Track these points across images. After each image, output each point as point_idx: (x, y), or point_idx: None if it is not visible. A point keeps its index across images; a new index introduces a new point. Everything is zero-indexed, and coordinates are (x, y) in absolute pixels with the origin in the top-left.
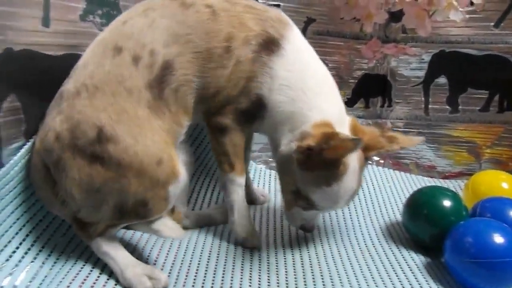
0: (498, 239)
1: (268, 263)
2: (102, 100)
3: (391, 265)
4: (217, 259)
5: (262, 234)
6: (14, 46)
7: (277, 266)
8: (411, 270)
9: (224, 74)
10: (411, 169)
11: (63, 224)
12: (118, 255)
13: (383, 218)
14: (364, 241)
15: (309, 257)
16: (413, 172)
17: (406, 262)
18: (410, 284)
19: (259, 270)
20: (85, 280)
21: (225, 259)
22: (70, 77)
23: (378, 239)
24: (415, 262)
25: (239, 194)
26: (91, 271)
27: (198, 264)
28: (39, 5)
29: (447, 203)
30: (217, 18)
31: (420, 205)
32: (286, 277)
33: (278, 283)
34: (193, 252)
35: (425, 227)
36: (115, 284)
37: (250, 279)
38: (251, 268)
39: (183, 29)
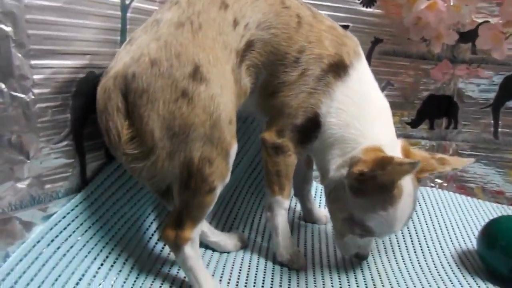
0: None
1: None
2: (203, 41)
3: None
4: (289, 281)
5: (322, 255)
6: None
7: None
8: None
9: (287, 81)
10: (476, 194)
11: (143, 238)
12: (201, 274)
13: (454, 246)
14: (437, 270)
15: (373, 283)
16: (478, 197)
17: None
18: None
19: None
20: None
21: (297, 282)
22: (168, 9)
23: (451, 269)
24: None
25: (283, 217)
26: (170, 286)
27: (271, 284)
28: None
29: None
30: (299, 29)
31: (497, 236)
32: None
33: None
34: (264, 273)
35: (503, 259)
36: None
37: None
38: None
39: (275, 23)
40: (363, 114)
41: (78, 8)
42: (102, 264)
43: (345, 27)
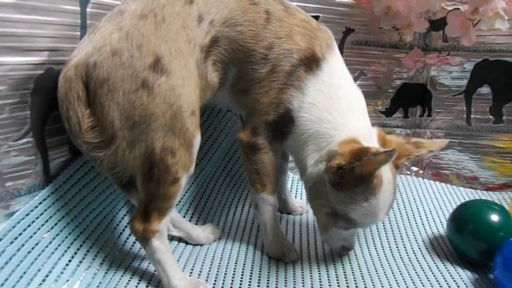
0: None
1: (310, 276)
2: (166, 33)
3: (437, 280)
4: (260, 272)
5: (302, 245)
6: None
7: (320, 279)
8: (457, 285)
9: (257, 78)
10: (452, 180)
11: (114, 233)
12: (168, 266)
13: (425, 231)
14: (407, 255)
15: (352, 269)
16: (454, 183)
17: (452, 278)
18: None
19: (302, 283)
20: None
21: (268, 272)
22: (132, 0)
23: (421, 253)
24: (461, 278)
25: (271, 213)
26: (139, 281)
27: (242, 277)
28: None
29: (495, 217)
30: (268, 26)
31: (466, 220)
32: None
33: None
34: (235, 264)
35: (472, 242)
36: None
37: None
38: (294, 282)
39: (241, 20)
40: (336, 107)
41: (34, 4)
42: (70, 261)
43: (316, 17)
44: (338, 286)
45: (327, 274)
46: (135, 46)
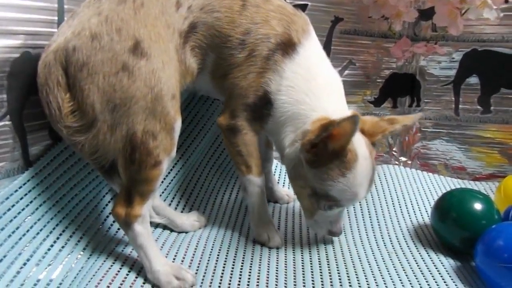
0: None
1: (293, 262)
2: (145, 18)
3: (420, 268)
4: (243, 258)
5: (287, 232)
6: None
7: (302, 265)
8: (440, 273)
9: (235, 62)
10: (440, 170)
11: (98, 218)
12: (151, 250)
13: (411, 220)
14: (392, 243)
15: (335, 257)
16: (441, 173)
17: (435, 266)
18: None
19: (285, 269)
20: (116, 275)
21: (251, 258)
22: None
23: (406, 241)
24: (444, 266)
25: (258, 195)
26: (121, 267)
27: (225, 262)
28: None
29: (478, 206)
30: (243, 12)
31: (449, 208)
32: (312, 276)
33: (304, 283)
34: (219, 251)
35: (455, 230)
36: (144, 281)
37: (277, 279)
38: (277, 268)
39: (218, 6)
40: (312, 89)
41: None
42: (52, 245)
43: (304, 6)
44: (321, 274)
45: (311, 262)
46: (114, 30)
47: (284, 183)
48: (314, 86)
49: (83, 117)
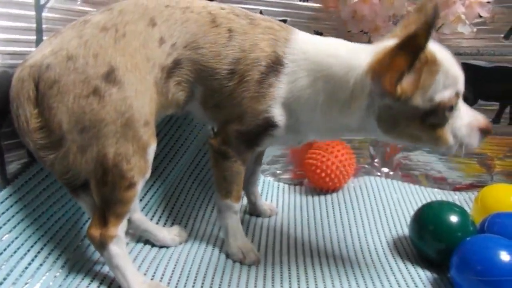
0: (505, 257)
1: (272, 277)
2: (125, 48)
3: (397, 281)
4: (223, 274)
5: (268, 246)
6: None
7: (281, 279)
8: (416, 286)
9: (226, 92)
10: (421, 181)
11: (77, 236)
12: (127, 271)
13: (390, 232)
14: (370, 255)
15: (314, 270)
16: (422, 184)
17: (412, 278)
18: None
19: (263, 284)
20: None
21: (230, 274)
22: (101, 12)
23: (384, 253)
24: (420, 278)
25: (233, 219)
26: (99, 285)
27: (204, 278)
28: None
29: (454, 218)
30: (230, 43)
31: (426, 220)
32: None
33: None
34: (199, 266)
35: (431, 242)
36: None
37: None
38: (255, 284)
39: (202, 42)
40: (326, 55)
41: None
42: (30, 263)
43: (283, 21)
44: (299, 287)
45: (289, 276)
46: (91, 54)
47: (267, 197)
48: (326, 52)
49: (50, 134)
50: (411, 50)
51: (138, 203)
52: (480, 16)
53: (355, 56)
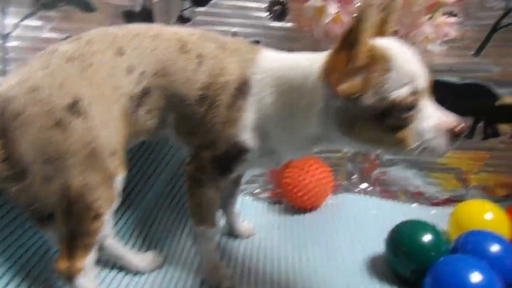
0: (476, 277)
1: None
2: (91, 79)
3: None
4: None
5: (244, 269)
6: None
7: None
8: None
9: (198, 118)
10: (399, 196)
11: (47, 266)
12: None
13: (367, 250)
14: (347, 275)
15: None
16: (401, 199)
17: None
18: None
19: None
20: None
21: None
22: (69, 42)
23: (361, 272)
24: None
25: (208, 245)
26: None
27: None
28: None
29: (427, 238)
30: (200, 68)
31: (400, 241)
32: None
33: None
34: None
35: (405, 262)
36: None
37: None
38: None
39: (172, 70)
40: (287, 67)
41: None
42: None
43: (256, 42)
44: None
45: None
46: (56, 85)
47: (245, 216)
48: (288, 66)
49: (15, 166)
50: (347, 46)
51: (111, 228)
52: (446, 36)
53: (314, 64)
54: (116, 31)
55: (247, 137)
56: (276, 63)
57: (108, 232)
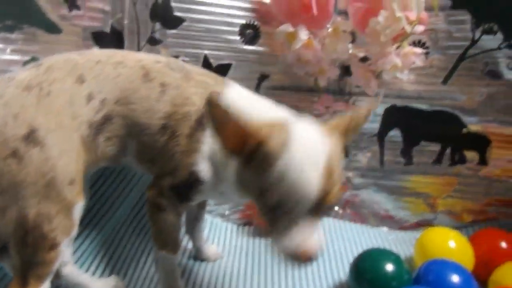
0: None
1: None
2: (48, 107)
3: None
4: None
5: None
6: None
7: None
8: None
9: (158, 147)
10: (369, 219)
11: None
12: None
13: (330, 277)
14: None
15: None
16: (371, 223)
17: None
18: None
19: None
20: None
21: None
22: (27, 69)
23: None
24: None
25: (169, 270)
26: None
27: None
28: None
29: (389, 267)
30: (163, 97)
31: (364, 269)
32: None
33: None
34: None
35: None
36: None
37: None
38: None
39: (133, 98)
40: None
41: None
42: None
43: (228, 66)
44: None
45: None
46: (11, 115)
47: (214, 238)
48: (246, 108)
49: None
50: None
51: (71, 255)
52: (414, 63)
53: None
54: (77, 58)
55: (202, 167)
56: (239, 102)
57: (68, 259)
